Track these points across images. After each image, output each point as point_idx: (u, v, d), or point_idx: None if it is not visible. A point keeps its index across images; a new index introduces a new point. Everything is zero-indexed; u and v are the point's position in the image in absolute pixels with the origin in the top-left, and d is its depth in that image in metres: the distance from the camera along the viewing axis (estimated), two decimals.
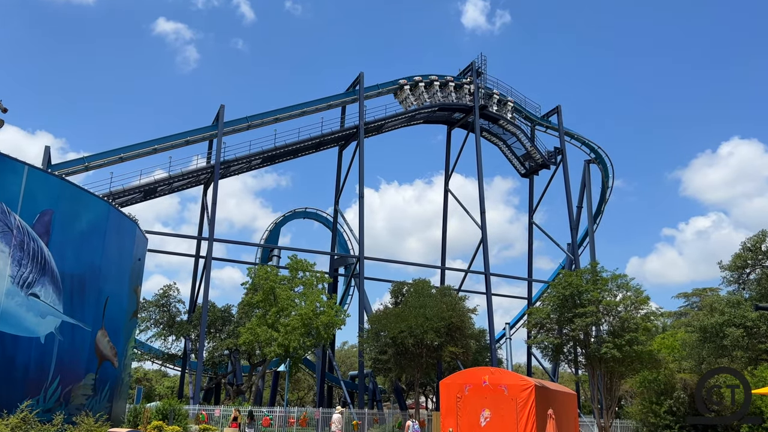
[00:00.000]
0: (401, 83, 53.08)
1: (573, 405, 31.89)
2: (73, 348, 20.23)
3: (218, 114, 43.33)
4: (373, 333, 39.35)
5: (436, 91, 54.25)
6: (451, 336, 37.78)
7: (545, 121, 61.61)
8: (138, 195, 40.61)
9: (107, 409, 22.08)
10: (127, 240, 23.53)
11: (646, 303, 33.39)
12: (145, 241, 26.22)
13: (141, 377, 77.15)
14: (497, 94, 57.16)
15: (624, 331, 32.05)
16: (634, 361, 32.45)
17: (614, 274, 34.20)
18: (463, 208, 55.05)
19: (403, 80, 53.28)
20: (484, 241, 51.94)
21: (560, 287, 33.85)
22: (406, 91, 52.97)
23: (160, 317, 43.13)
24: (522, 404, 24.25)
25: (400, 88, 53.12)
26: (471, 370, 28.27)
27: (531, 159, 60.59)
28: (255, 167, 47.41)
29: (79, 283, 20.50)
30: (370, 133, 51.89)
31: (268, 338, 37.07)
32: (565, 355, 34.89)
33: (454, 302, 39.53)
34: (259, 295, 39.00)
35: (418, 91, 53.53)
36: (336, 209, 51.59)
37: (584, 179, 65.51)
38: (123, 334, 23.35)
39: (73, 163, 38.40)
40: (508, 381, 25.09)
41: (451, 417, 26.16)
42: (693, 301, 65.20)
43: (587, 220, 63.81)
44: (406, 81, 53.28)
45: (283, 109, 46.45)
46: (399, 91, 53.35)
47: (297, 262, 41.34)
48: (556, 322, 34.07)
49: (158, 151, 41.25)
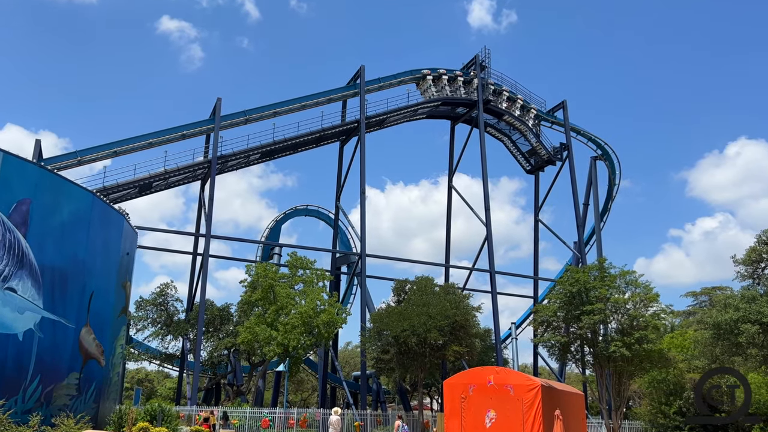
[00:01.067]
0: (425, 73, 52.39)
1: (580, 406, 30.88)
2: (55, 345, 19.21)
3: (215, 107, 42.34)
4: (375, 332, 38.24)
5: (444, 85, 53.27)
6: (455, 335, 36.66)
7: (551, 117, 60.40)
8: (133, 190, 39.65)
9: (93, 410, 21.08)
10: (114, 232, 22.48)
11: (656, 300, 32.18)
12: (134, 235, 25.20)
13: (142, 378, 76.36)
14: (507, 91, 56.08)
15: (633, 329, 30.90)
16: (644, 361, 31.29)
17: (622, 270, 33.00)
18: (467, 204, 54.01)
19: (426, 70, 52.56)
20: (489, 238, 50.80)
21: (567, 284, 32.67)
22: (429, 81, 52.26)
23: (158, 316, 42.12)
24: (528, 405, 23.40)
25: (423, 78, 52.49)
26: (475, 369, 27.32)
27: (536, 155, 59.43)
28: (254, 162, 46.42)
29: (60, 277, 19.49)
30: (372, 128, 50.85)
31: (267, 337, 36.09)
32: (572, 354, 33.71)
33: (458, 300, 38.39)
34: (258, 293, 38.01)
35: (425, 84, 52.60)
36: (337, 206, 50.55)
37: (591, 176, 64.26)
38: (110, 332, 22.32)
39: (65, 157, 37.46)
40: (514, 381, 24.24)
41: (455, 418, 25.30)
42: (702, 300, 63.89)
43: (594, 218, 62.55)
44: (429, 71, 52.53)
45: (283, 103, 45.44)
46: (421, 81, 52.78)
47: (297, 260, 40.32)
48: (563, 320, 32.91)
49: (153, 145, 40.28)
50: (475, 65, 55.45)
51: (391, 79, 51.55)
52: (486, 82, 55.30)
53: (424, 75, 52.91)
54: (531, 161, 60.47)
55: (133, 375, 75.73)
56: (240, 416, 33.51)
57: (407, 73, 52.76)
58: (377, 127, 51.84)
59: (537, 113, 58.33)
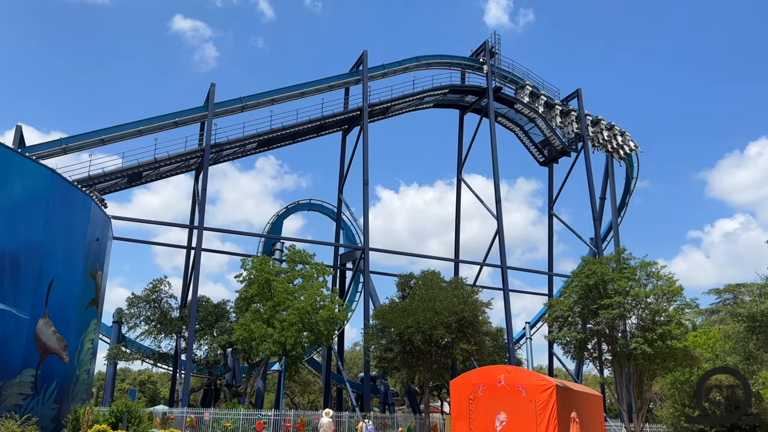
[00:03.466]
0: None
1: (598, 408, 28.56)
2: (4, 338, 17.06)
3: (209, 94, 40.23)
4: (378, 329, 35.84)
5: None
6: (463, 332, 34.14)
7: (565, 106, 57.70)
8: (121, 180, 37.58)
9: (54, 412, 18.89)
10: (79, 215, 20.28)
11: (680, 294, 29.45)
12: (105, 221, 22.99)
13: (145, 380, 74.41)
14: (519, 79, 53.77)
15: (655, 324, 28.27)
16: (667, 359, 28.65)
17: (643, 261, 30.32)
18: (477, 197, 51.49)
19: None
20: (500, 232, 48.25)
21: (583, 276, 30.05)
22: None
23: (152, 314, 40.00)
24: (542, 406, 21.39)
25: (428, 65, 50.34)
26: (485, 368, 25.10)
27: (550, 146, 56.81)
28: (250, 152, 44.18)
29: (11, 261, 17.33)
30: (376, 116, 48.55)
31: (262, 335, 33.95)
32: (589, 352, 31.09)
33: (466, 295, 35.88)
34: (253, 288, 35.88)
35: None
36: (340, 198, 48.21)
37: (607, 169, 61.39)
38: (75, 325, 20.13)
39: (49, 145, 35.43)
40: (527, 381, 22.07)
41: (463, 421, 23.23)
42: (725, 297, 60.94)
43: (611, 213, 59.71)
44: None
45: (281, 90, 43.19)
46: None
47: (295, 253, 38.17)
48: (579, 315, 30.33)
49: (144, 133, 38.21)
50: (485, 51, 53.01)
51: (396, 66, 49.11)
52: (496, 69, 52.90)
53: (429, 63, 50.71)
54: (544, 152, 57.86)
55: (135, 377, 73.80)
56: (233, 418, 31.31)
57: (413, 59, 50.32)
58: (381, 116, 49.53)
59: (549, 101, 55.77)
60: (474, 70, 53.51)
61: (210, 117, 39.27)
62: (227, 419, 30.88)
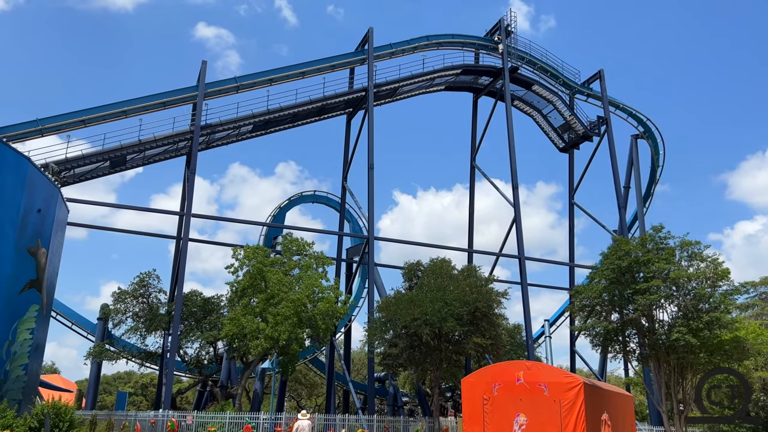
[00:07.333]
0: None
1: (630, 409, 25.08)
2: None
3: (200, 73, 37.15)
4: (382, 322, 32.38)
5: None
6: (477, 325, 30.60)
7: (586, 89, 53.87)
8: (103, 164, 34.51)
9: None
10: (10, 179, 17.03)
11: (726, 277, 25.66)
12: (51, 190, 19.75)
13: (147, 383, 71.47)
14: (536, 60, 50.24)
15: (699, 311, 24.51)
16: (714, 351, 24.90)
17: (683, 240, 26.49)
18: (492, 183, 47.93)
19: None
20: (517, 220, 44.56)
21: (615, 258, 26.29)
22: None
23: (140, 309, 36.92)
24: (568, 407, 17.97)
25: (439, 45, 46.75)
26: (501, 364, 21.72)
27: (570, 130, 53.03)
28: (245, 136, 40.88)
29: None
30: (382, 99, 45.20)
31: (254, 330, 30.69)
32: (620, 346, 27.29)
33: (480, 284, 32.28)
34: (245, 280, 32.65)
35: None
36: (344, 186, 44.84)
37: (631, 156, 57.35)
38: (5, 310, 16.87)
39: (24, 126, 32.38)
40: (549, 378, 18.83)
41: (476, 423, 19.97)
42: (761, 291, 56.63)
43: (636, 203, 55.69)
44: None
45: (280, 69, 40.02)
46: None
47: (291, 242, 34.94)
48: (609, 303, 26.57)
49: (129, 114, 35.18)
50: (500, 30, 49.47)
51: (404, 45, 45.61)
52: (512, 49, 49.37)
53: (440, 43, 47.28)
54: (564, 137, 54.05)
55: (137, 380, 70.93)
56: (219, 422, 28.05)
57: (423, 38, 46.84)
58: (389, 99, 46.16)
59: (570, 84, 52.10)
60: (489, 50, 49.99)
61: (201, 96, 36.16)
62: (212, 423, 27.63)
